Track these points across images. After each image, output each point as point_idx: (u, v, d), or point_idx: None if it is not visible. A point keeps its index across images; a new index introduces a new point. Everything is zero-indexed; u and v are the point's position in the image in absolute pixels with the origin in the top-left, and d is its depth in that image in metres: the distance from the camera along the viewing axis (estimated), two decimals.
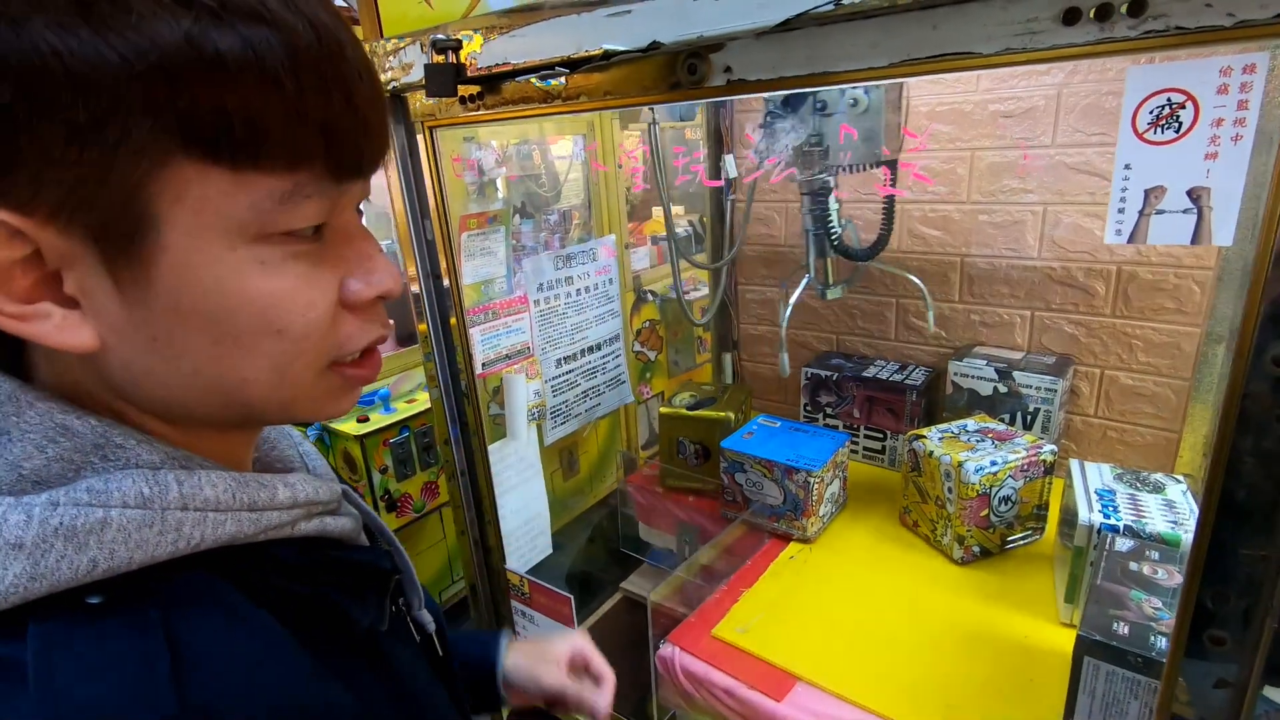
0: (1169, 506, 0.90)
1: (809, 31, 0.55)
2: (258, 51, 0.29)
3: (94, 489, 0.31)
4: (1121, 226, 0.46)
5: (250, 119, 0.29)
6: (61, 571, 0.29)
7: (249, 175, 0.30)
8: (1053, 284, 1.26)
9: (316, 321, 0.34)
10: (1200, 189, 0.44)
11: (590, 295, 1.25)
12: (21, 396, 0.32)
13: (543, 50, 0.69)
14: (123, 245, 0.30)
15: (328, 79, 0.31)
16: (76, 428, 0.32)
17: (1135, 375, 1.22)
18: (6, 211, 0.28)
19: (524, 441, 1.14)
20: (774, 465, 1.14)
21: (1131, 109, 0.44)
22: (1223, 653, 0.50)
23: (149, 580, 0.31)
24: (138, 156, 0.28)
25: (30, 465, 0.31)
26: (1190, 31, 0.41)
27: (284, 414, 0.37)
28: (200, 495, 0.33)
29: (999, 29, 0.47)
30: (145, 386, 0.34)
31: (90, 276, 0.30)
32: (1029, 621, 0.95)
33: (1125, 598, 0.72)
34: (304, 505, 0.38)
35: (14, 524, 0.29)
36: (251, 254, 0.32)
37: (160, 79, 0.27)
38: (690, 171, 1.15)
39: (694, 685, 0.92)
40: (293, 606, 0.35)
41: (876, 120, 1.01)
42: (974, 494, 1.02)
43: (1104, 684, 0.67)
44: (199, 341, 0.32)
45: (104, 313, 0.31)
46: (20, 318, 0.30)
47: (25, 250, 0.29)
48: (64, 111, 0.27)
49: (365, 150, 0.34)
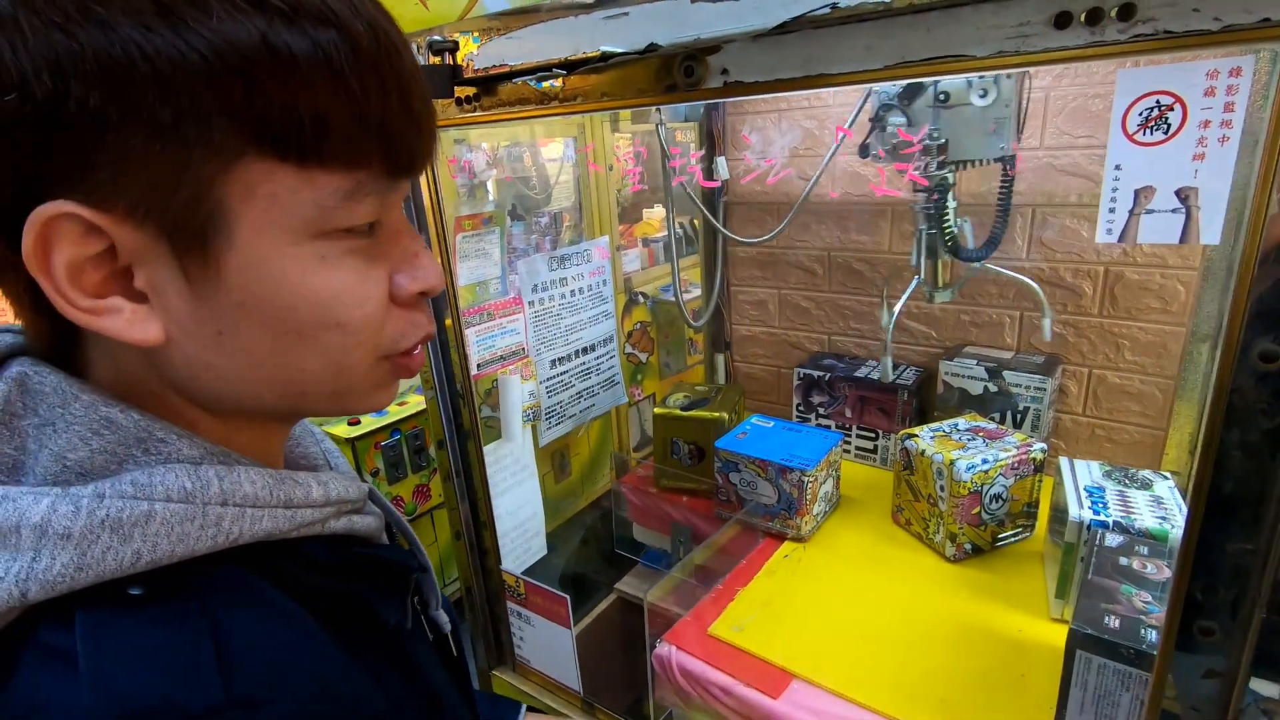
0: (1157, 503, 0.92)
1: (805, 34, 0.55)
2: (326, 53, 0.30)
3: (138, 482, 0.31)
4: (1112, 226, 0.47)
5: (319, 118, 0.30)
6: (107, 562, 0.30)
7: (315, 173, 0.31)
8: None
9: (372, 315, 0.36)
10: (1188, 189, 0.45)
11: (584, 296, 1.25)
12: (67, 389, 0.32)
13: (540, 52, 0.69)
14: (194, 241, 0.31)
15: (387, 80, 0.32)
16: (120, 421, 0.33)
17: (1122, 374, 1.24)
18: (86, 208, 0.28)
19: (519, 443, 1.14)
20: (768, 465, 1.14)
21: (1122, 111, 0.45)
22: (1212, 644, 0.51)
23: (188, 574, 0.32)
24: (213, 154, 0.29)
25: (75, 456, 0.32)
26: (1178, 36, 0.42)
27: (334, 405, 0.38)
28: (240, 491, 0.34)
29: (991, 32, 0.48)
30: (204, 380, 0.34)
31: (161, 272, 0.31)
32: (1021, 617, 0.96)
33: (1116, 592, 0.73)
34: (335, 503, 0.38)
35: (62, 514, 0.30)
36: (313, 250, 0.33)
37: (238, 79, 0.28)
38: (688, 172, 1.15)
39: (691, 684, 0.93)
40: (323, 603, 0.36)
41: (1006, 111, 0.94)
42: (966, 492, 1.04)
43: (1095, 677, 0.68)
44: (262, 335, 0.33)
45: (172, 308, 0.32)
46: (93, 312, 0.30)
47: (100, 246, 0.30)
48: (148, 111, 0.27)
49: (418, 149, 0.35)
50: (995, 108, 0.93)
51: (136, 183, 0.29)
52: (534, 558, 1.21)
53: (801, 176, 1.41)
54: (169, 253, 0.31)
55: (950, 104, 0.95)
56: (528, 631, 1.09)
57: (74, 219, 0.29)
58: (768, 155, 1.45)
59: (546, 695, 1.09)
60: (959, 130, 0.96)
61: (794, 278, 1.57)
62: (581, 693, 1.05)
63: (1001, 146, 0.95)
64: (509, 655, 1.14)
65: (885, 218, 1.40)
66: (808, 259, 1.53)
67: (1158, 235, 0.46)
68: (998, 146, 0.95)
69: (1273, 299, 0.44)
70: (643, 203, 2.06)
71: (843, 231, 1.46)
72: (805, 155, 1.43)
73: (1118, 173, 0.46)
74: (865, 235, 1.44)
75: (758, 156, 1.51)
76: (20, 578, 0.29)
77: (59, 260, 0.29)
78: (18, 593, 0.29)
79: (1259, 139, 0.42)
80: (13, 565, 0.29)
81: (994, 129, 0.94)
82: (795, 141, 1.37)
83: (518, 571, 1.08)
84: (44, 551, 0.29)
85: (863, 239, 1.44)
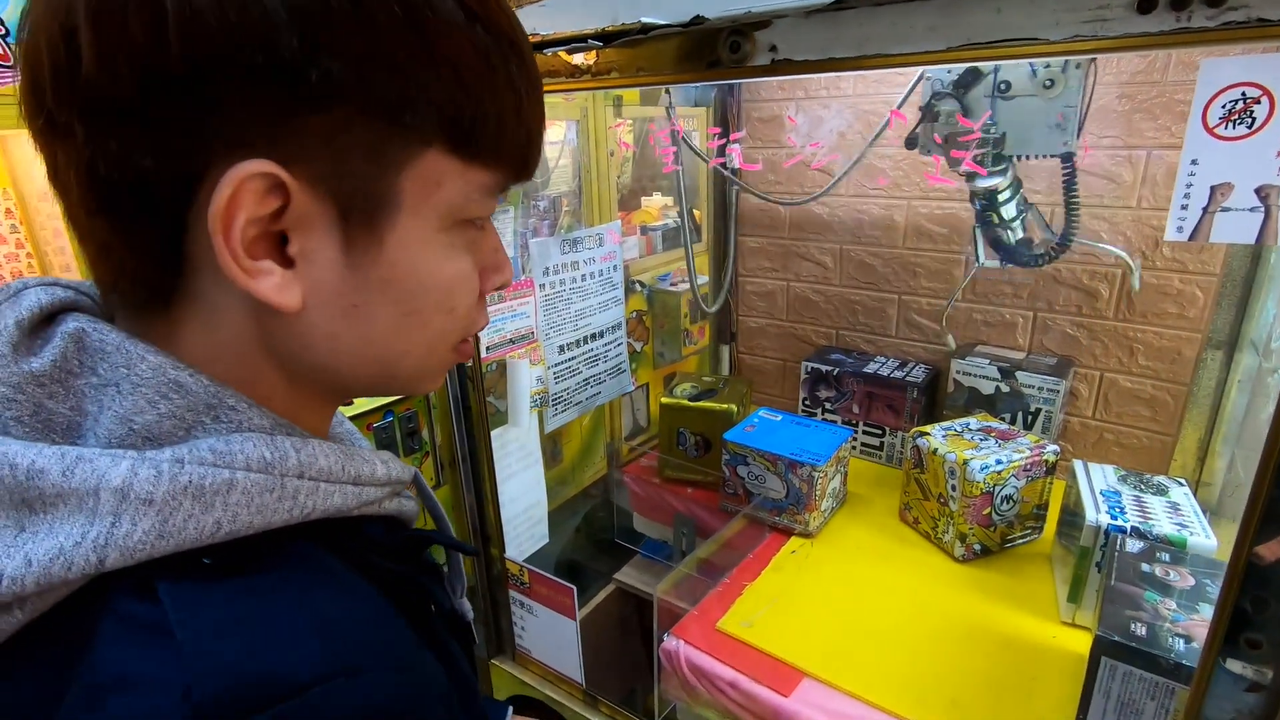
0: (1174, 509, 0.91)
1: (863, 11, 0.53)
2: (507, 60, 0.33)
3: (217, 449, 0.30)
4: (1184, 223, 0.45)
5: (500, 119, 0.33)
6: (188, 531, 0.29)
7: (473, 168, 0.34)
8: (1056, 285, 1.26)
9: (471, 304, 0.38)
10: (1269, 187, 0.43)
11: (595, 281, 1.22)
12: (133, 350, 0.31)
13: (575, 22, 0.66)
14: (365, 217, 0.32)
15: (537, 89, 0.36)
16: (190, 385, 0.31)
17: (1134, 379, 1.23)
18: (282, 168, 0.29)
19: (524, 429, 1.12)
20: (778, 459, 1.13)
21: (1203, 103, 0.43)
22: (1259, 656, 0.50)
23: (260, 547, 0.31)
24: (410, 139, 0.31)
25: (142, 420, 0.30)
26: (1273, 24, 0.40)
27: (414, 385, 0.39)
28: (315, 464, 0.33)
29: (1068, 15, 0.46)
30: (318, 350, 0.34)
31: (319, 240, 0.31)
32: (1031, 620, 0.95)
33: (1140, 599, 0.72)
34: (393, 483, 0.38)
35: (144, 479, 0.28)
36: (446, 238, 0.35)
37: (452, 74, 0.31)
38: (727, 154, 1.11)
39: (698, 678, 0.91)
40: (384, 582, 0.35)
41: (1072, 102, 0.88)
42: (978, 492, 1.02)
43: (1120, 685, 0.67)
44: (390, 312, 0.34)
45: (316, 277, 0.32)
46: (250, 273, 0.30)
47: (272, 208, 0.30)
48: (380, 91, 0.30)
49: (537, 155, 0.38)
50: (1061, 100, 0.88)
51: (335, 153, 0.30)
52: (536, 545, 1.19)
53: (826, 172, 1.38)
54: (336, 223, 0.31)
55: (1011, 94, 0.90)
56: (530, 621, 1.07)
57: (265, 179, 0.29)
58: (791, 142, 1.43)
59: (547, 686, 1.07)
60: (1020, 122, 0.91)
61: (804, 270, 1.55)
62: (584, 684, 1.04)
63: (1065, 141, 0.90)
64: (509, 644, 1.12)
65: (900, 212, 1.39)
66: (819, 252, 1.51)
67: (1233, 234, 0.44)
68: (1061, 141, 0.90)
69: None
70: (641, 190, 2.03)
71: (856, 226, 1.44)
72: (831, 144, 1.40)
73: (1194, 168, 0.44)
74: (879, 230, 1.42)
75: (769, 145, 1.49)
76: (98, 543, 0.27)
77: (241, 218, 0.29)
78: (95, 559, 0.27)
79: None
80: (89, 530, 0.28)
81: (1060, 121, 0.88)
82: (815, 128, 1.34)
83: (520, 559, 1.06)
84: (124, 517, 0.28)
85: (876, 234, 1.43)
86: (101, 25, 0.26)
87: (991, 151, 0.93)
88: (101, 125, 0.28)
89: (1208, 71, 0.43)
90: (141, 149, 0.28)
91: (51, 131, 0.29)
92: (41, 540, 0.27)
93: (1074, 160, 0.96)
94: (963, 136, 0.92)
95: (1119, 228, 1.19)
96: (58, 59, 0.27)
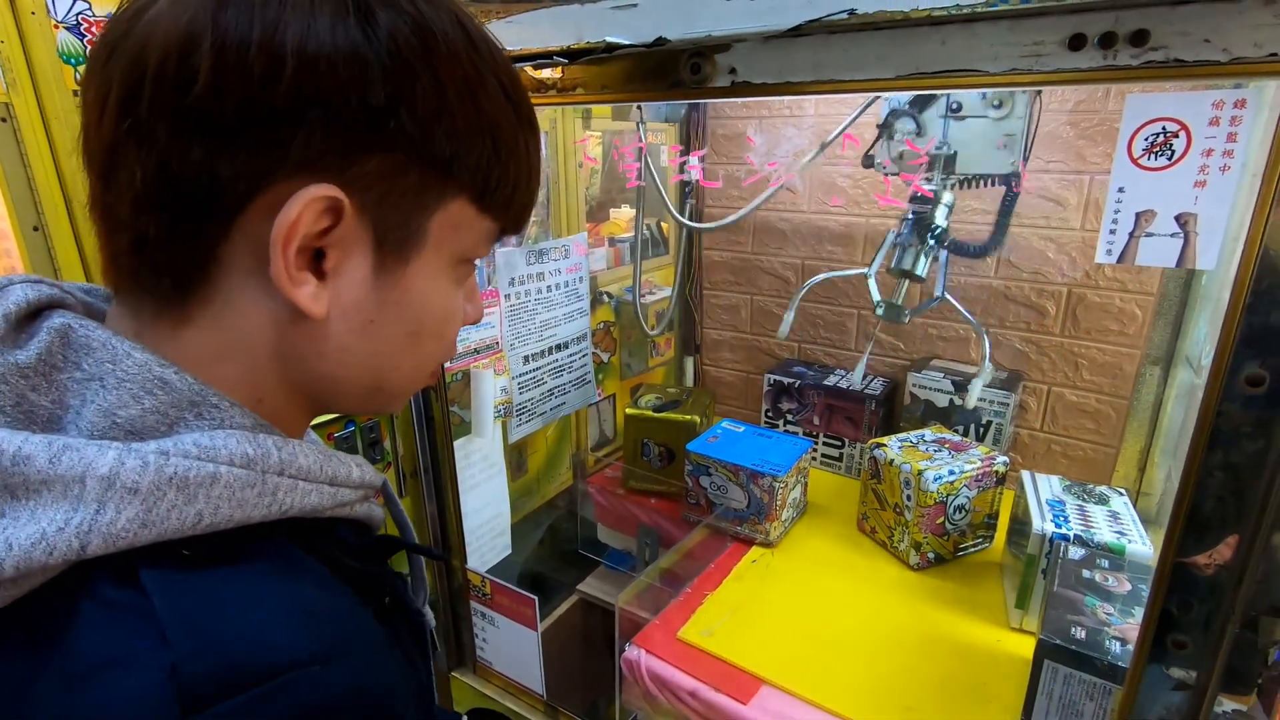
0: (1114, 517, 0.95)
1: (819, 39, 0.55)
2: (527, 128, 0.39)
3: (201, 444, 0.31)
4: (1113, 246, 0.48)
5: (515, 183, 0.39)
6: (170, 521, 0.29)
7: (485, 218, 0.39)
8: (1007, 302, 1.31)
9: (455, 332, 0.42)
10: (1188, 215, 0.46)
11: (560, 292, 1.23)
12: (118, 345, 0.32)
13: (541, 39, 0.68)
14: (397, 247, 0.36)
15: (540, 162, 0.41)
16: (175, 383, 0.32)
17: (1079, 393, 1.29)
18: (345, 193, 0.32)
19: (489, 439, 1.11)
20: (740, 469, 1.14)
21: (1128, 135, 0.46)
22: (1184, 656, 0.53)
23: (237, 541, 0.32)
24: (445, 188, 0.36)
25: (125, 414, 0.31)
26: (1188, 65, 0.43)
27: (391, 402, 0.42)
28: (295, 463, 0.34)
29: (1006, 49, 0.49)
30: (329, 358, 0.37)
31: (354, 261, 0.35)
32: (981, 626, 0.98)
33: (1080, 604, 0.75)
34: (365, 487, 0.40)
35: (131, 468, 0.29)
36: (453, 273, 0.39)
37: (492, 146, 0.36)
38: (688, 170, 1.13)
39: (659, 688, 0.92)
40: (354, 582, 0.37)
41: (1018, 125, 0.92)
42: (932, 502, 1.06)
43: (1062, 686, 0.70)
44: (398, 330, 0.38)
45: (344, 291, 0.35)
46: (296, 283, 0.33)
47: (323, 226, 0.33)
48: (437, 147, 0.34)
49: (532, 212, 0.43)
50: (1008, 122, 0.92)
51: (387, 189, 0.34)
52: (498, 557, 1.18)
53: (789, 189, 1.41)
54: (371, 248, 0.35)
55: (962, 114, 0.94)
56: (491, 633, 1.06)
57: (328, 201, 0.32)
58: (750, 161, 1.46)
59: (508, 698, 1.07)
60: (970, 142, 0.94)
61: (766, 284, 1.58)
62: (545, 695, 1.03)
63: (1011, 162, 0.94)
64: (470, 657, 1.11)
65: (860, 229, 1.43)
66: (781, 266, 1.55)
67: (1156, 258, 0.47)
68: (1007, 162, 0.94)
69: (1261, 326, 0.45)
70: (609, 202, 2.05)
71: (817, 241, 1.48)
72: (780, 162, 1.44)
73: (1120, 195, 0.47)
74: (839, 246, 1.46)
75: (733, 162, 1.52)
76: (82, 529, 0.28)
77: (299, 233, 0.32)
78: (77, 544, 0.28)
79: (1256, 171, 0.44)
80: (73, 516, 0.28)
81: (1004, 144, 0.93)
82: (775, 147, 1.38)
83: (482, 570, 1.06)
84: (109, 504, 0.29)
85: (836, 249, 1.46)
86: (224, 56, 0.29)
87: (943, 171, 0.96)
88: (190, 133, 0.30)
89: (1132, 106, 0.46)
90: (224, 159, 0.31)
91: (135, 133, 0.31)
92: (24, 525, 0.28)
93: (1016, 183, 1.00)
94: (911, 161, 0.95)
95: (1064, 248, 1.24)
96: (165, 73, 0.30)
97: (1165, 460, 1.18)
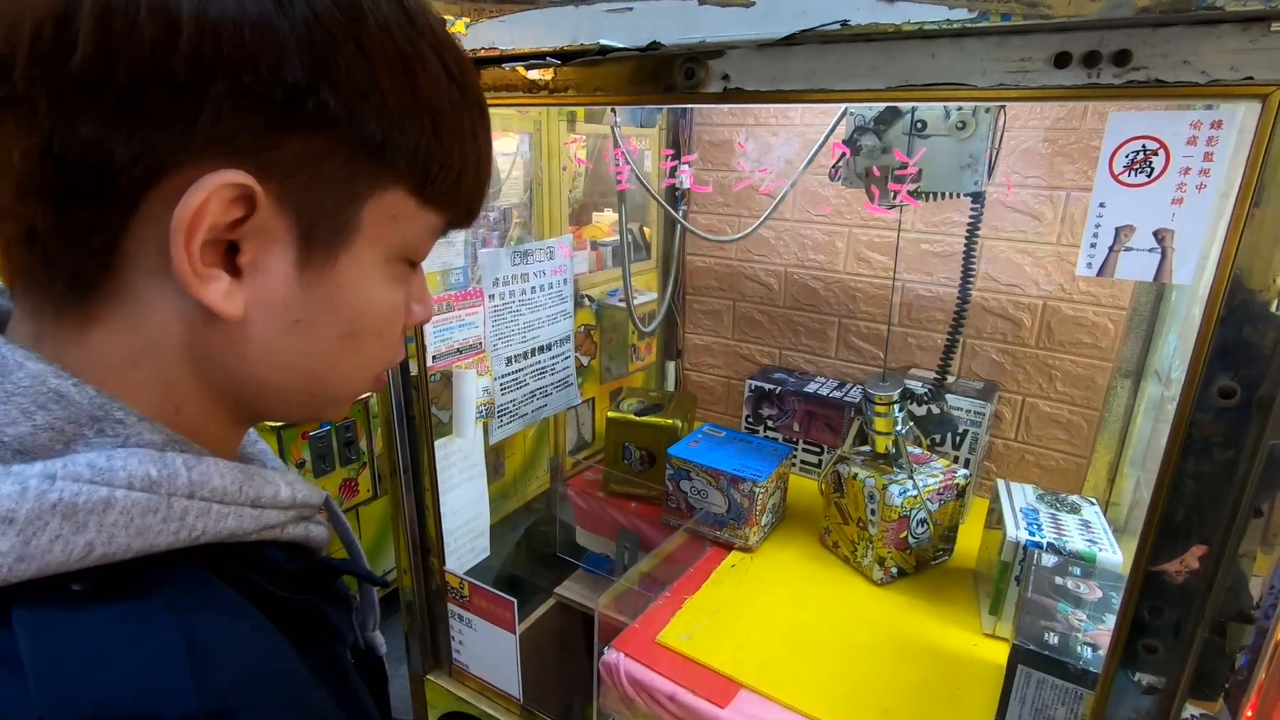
0: (1085, 526, 0.97)
1: (812, 48, 0.56)
2: (473, 117, 0.36)
3: (96, 465, 0.28)
4: (1093, 260, 0.49)
5: (460, 171, 0.36)
6: (54, 553, 0.26)
7: (427, 210, 0.36)
8: (984, 314, 1.34)
9: (398, 334, 0.39)
10: (1165, 231, 0.47)
11: (544, 294, 1.23)
12: (9, 355, 0.29)
13: (534, 39, 0.68)
14: (326, 239, 0.33)
15: (490, 149, 0.38)
16: (73, 396, 0.29)
17: (1053, 404, 1.31)
18: (258, 183, 0.29)
19: (470, 440, 1.10)
20: (720, 474, 1.15)
21: (1110, 151, 0.48)
22: (1155, 661, 0.54)
23: (139, 571, 0.29)
24: (380, 175, 0.33)
25: (13, 431, 0.28)
26: (1168, 85, 0.45)
27: (329, 408, 0.39)
28: (208, 484, 0.31)
29: (994, 65, 0.50)
30: (252, 361, 0.34)
31: (274, 255, 0.32)
32: (955, 632, 1.00)
33: (1054, 610, 0.77)
34: (299, 507, 0.37)
35: (5, 496, 0.26)
36: (390, 270, 0.36)
37: (431, 129, 0.33)
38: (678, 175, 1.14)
39: (637, 691, 0.92)
40: (280, 613, 0.33)
41: (981, 145, 0.92)
42: (895, 516, 1.06)
43: (1035, 691, 0.71)
44: (330, 332, 0.35)
45: (264, 289, 0.32)
46: (202, 279, 0.30)
47: (233, 217, 0.30)
48: (368, 131, 0.31)
49: (482, 205, 0.40)
50: (972, 141, 0.93)
51: (311, 176, 0.31)
52: (477, 558, 1.17)
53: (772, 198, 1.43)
54: (294, 241, 0.32)
55: (926, 133, 0.94)
56: (468, 635, 1.05)
57: (237, 189, 0.29)
58: (741, 167, 1.47)
59: (484, 701, 1.06)
60: (935, 160, 0.95)
61: (750, 291, 1.59)
62: (521, 699, 1.02)
63: (975, 181, 0.94)
64: (446, 659, 1.10)
65: (842, 239, 1.44)
66: (765, 274, 1.56)
67: (1134, 272, 0.48)
68: (971, 181, 0.94)
69: (1233, 340, 0.47)
70: (591, 205, 2.05)
71: (800, 249, 1.49)
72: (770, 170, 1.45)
73: (1101, 210, 0.49)
74: (822, 255, 1.48)
75: (719, 169, 1.53)
76: None
77: (204, 224, 0.29)
78: None
79: (1230, 191, 0.45)
80: None
81: (969, 163, 0.94)
82: (763, 155, 1.39)
83: (460, 572, 1.05)
84: None
85: (819, 258, 1.48)
86: (108, 19, 0.26)
87: (909, 187, 0.95)
88: (75, 107, 0.27)
89: (1114, 123, 0.48)
90: (117, 137, 0.27)
91: (10, 105, 0.27)
92: None
93: (982, 201, 1.00)
94: (896, 170, 0.95)
95: (1040, 261, 1.27)
96: (41, 39, 0.26)
97: (1134, 471, 1.21)
